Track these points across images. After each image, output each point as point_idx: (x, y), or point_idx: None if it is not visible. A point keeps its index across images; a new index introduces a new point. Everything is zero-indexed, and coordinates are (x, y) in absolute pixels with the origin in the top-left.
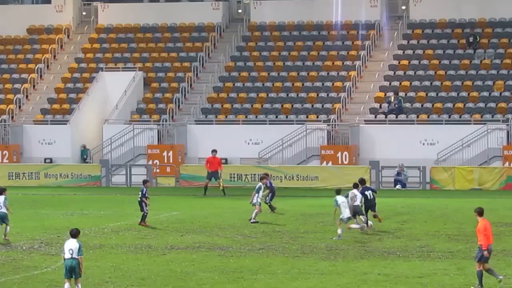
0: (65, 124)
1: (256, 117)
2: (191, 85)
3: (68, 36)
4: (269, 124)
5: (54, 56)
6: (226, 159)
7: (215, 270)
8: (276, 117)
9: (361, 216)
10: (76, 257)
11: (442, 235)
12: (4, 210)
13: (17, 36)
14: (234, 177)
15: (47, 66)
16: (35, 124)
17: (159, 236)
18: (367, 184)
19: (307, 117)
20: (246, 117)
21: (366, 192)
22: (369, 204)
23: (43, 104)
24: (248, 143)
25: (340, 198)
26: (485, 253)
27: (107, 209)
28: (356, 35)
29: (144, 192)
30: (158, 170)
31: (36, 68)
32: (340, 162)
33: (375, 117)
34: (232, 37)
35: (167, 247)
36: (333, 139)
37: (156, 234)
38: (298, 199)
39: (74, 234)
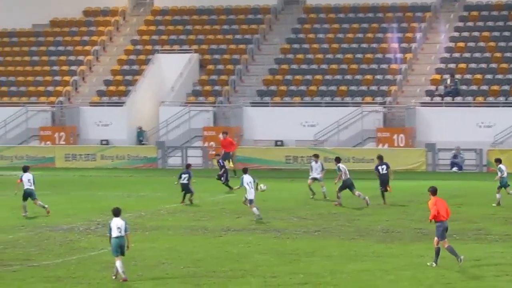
0: (121, 106)
1: (312, 99)
2: (246, 67)
3: (124, 18)
4: (325, 106)
5: (110, 38)
6: (281, 141)
7: (271, 252)
8: (332, 99)
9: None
10: (123, 234)
11: (499, 218)
12: (32, 187)
13: (73, 18)
14: (290, 159)
15: (103, 48)
16: (91, 106)
17: (215, 218)
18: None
19: (362, 99)
20: (302, 99)
21: (379, 167)
22: (382, 179)
23: (99, 86)
24: (304, 125)
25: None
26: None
27: (162, 191)
28: (412, 17)
29: (191, 175)
30: (213, 152)
31: (93, 50)
32: (396, 145)
33: (431, 99)
34: (287, 20)
35: (223, 229)
36: (389, 121)
37: (212, 216)
38: (354, 182)
39: (118, 212)
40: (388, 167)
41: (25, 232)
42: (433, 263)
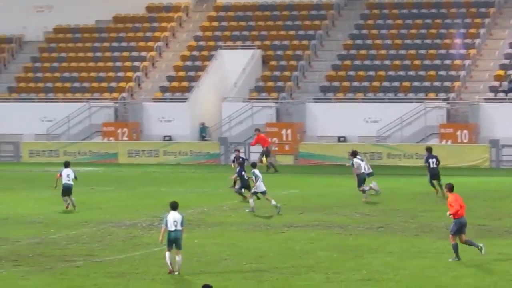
0: (184, 102)
1: (375, 95)
2: (309, 63)
3: (187, 14)
4: (388, 102)
5: (173, 34)
6: (344, 137)
7: (333, 248)
8: (395, 95)
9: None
10: (180, 228)
11: None
12: (71, 182)
13: (136, 14)
14: None
15: (166, 44)
16: (154, 102)
17: (278, 214)
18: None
19: (426, 95)
20: (365, 95)
21: (429, 160)
22: (432, 173)
23: (162, 82)
24: (367, 121)
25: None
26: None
27: (225, 187)
28: (476, 12)
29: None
30: (276, 148)
31: (155, 46)
32: (459, 141)
33: (495, 95)
34: (350, 15)
35: (285, 225)
36: (453, 117)
37: (274, 212)
38: (417, 178)
39: (175, 206)
40: (438, 160)
41: (88, 228)
42: (456, 258)
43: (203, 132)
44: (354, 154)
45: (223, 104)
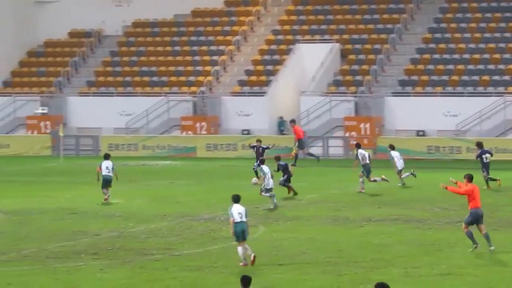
0: (262, 96)
1: (454, 89)
2: (388, 57)
3: (265, 8)
4: (467, 96)
5: (252, 28)
6: (423, 131)
7: (412, 243)
8: (474, 89)
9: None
10: (245, 220)
11: None
12: (110, 174)
13: (215, 8)
14: (431, 150)
15: (245, 38)
16: (232, 96)
17: (356, 208)
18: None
19: (505, 89)
20: (444, 89)
21: (483, 156)
22: (485, 167)
23: (240, 76)
24: (446, 115)
25: (394, 153)
26: None
27: (303, 181)
28: None
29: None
30: (354, 142)
31: (234, 40)
32: None
33: None
34: (429, 9)
35: (364, 219)
36: None
37: (353, 206)
38: (497, 172)
39: (238, 199)
40: (491, 154)
41: (167, 222)
42: (475, 245)
43: (281, 126)
44: (358, 145)
45: (301, 98)
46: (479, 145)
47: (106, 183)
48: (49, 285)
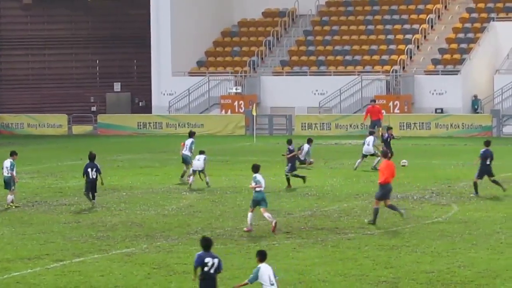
0: (456, 74)
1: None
2: None
3: None
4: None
5: (445, 7)
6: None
7: None
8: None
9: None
10: (262, 188)
11: None
12: (188, 153)
13: None
14: None
15: (438, 17)
16: (426, 74)
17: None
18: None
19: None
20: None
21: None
22: (486, 170)
23: (434, 54)
24: None
25: None
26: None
27: (497, 159)
28: None
29: None
30: None
31: (427, 18)
32: None
33: None
34: None
35: None
36: None
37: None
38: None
39: (257, 168)
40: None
41: (360, 201)
42: (372, 221)
43: (475, 105)
44: (309, 141)
45: (495, 77)
46: (487, 143)
47: (184, 161)
48: (243, 264)
